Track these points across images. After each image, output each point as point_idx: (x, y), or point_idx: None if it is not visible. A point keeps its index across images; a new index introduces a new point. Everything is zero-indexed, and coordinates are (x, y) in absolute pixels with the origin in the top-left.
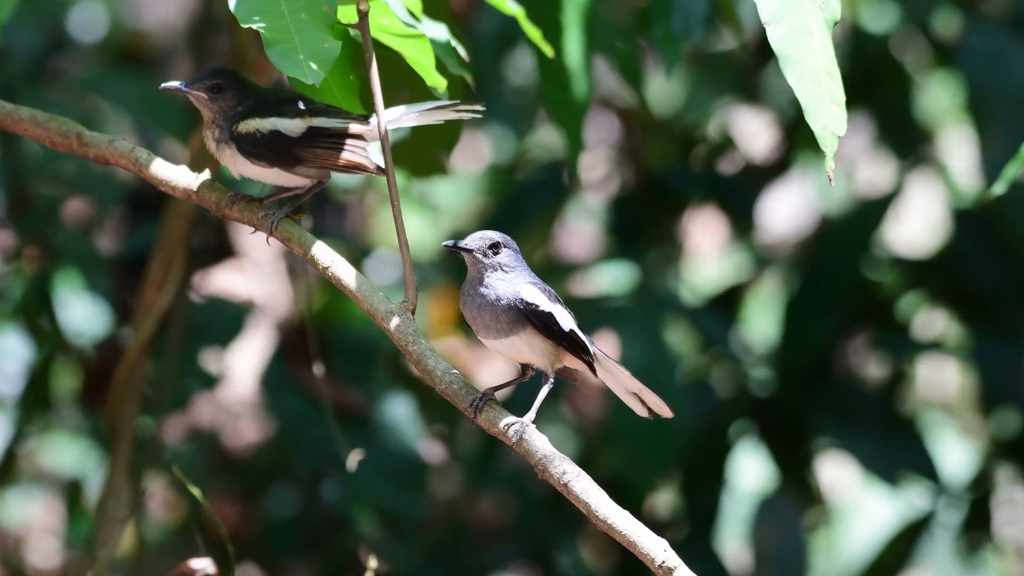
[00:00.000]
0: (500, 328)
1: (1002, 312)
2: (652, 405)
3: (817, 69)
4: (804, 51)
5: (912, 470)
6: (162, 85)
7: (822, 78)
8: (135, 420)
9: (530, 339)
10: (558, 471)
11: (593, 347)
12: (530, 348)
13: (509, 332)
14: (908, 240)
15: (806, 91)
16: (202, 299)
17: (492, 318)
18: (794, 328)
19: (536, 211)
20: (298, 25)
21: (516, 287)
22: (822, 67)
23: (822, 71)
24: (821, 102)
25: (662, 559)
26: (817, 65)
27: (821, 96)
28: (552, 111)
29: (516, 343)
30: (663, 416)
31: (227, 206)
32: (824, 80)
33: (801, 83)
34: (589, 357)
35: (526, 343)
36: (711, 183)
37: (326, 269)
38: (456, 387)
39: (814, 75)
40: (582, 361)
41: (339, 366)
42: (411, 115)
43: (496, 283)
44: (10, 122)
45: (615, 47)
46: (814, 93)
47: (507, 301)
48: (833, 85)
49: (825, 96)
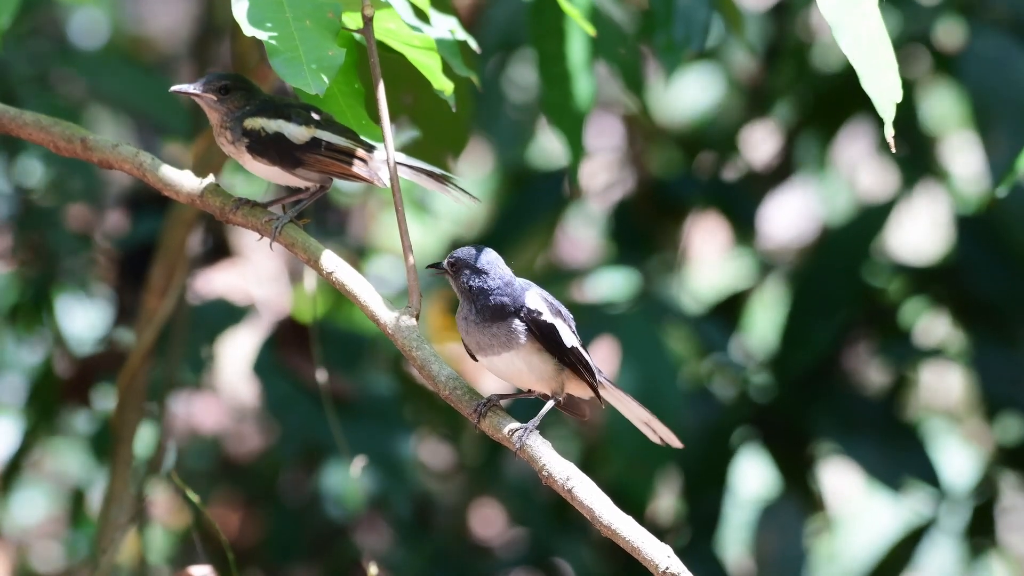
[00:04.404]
0: (496, 343)
1: (1004, 319)
2: (662, 435)
3: (872, 35)
4: (857, 19)
5: (914, 476)
6: (172, 88)
7: (877, 45)
8: (137, 426)
9: (528, 357)
10: (562, 477)
11: (600, 375)
12: (528, 368)
13: (507, 346)
14: (911, 247)
15: (861, 57)
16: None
17: (487, 336)
18: (795, 334)
19: (537, 217)
20: (302, 33)
21: (508, 298)
22: (876, 34)
23: (876, 38)
24: (878, 68)
25: (666, 565)
26: (871, 31)
27: (877, 63)
28: (553, 118)
29: (514, 361)
30: (673, 446)
31: (231, 211)
32: (879, 47)
33: (855, 49)
34: (594, 380)
35: (524, 361)
36: (713, 190)
37: (330, 274)
38: (460, 392)
39: (869, 41)
40: (587, 385)
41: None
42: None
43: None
44: (14, 126)
45: (617, 54)
46: (869, 60)
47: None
48: (887, 51)
49: (881, 63)
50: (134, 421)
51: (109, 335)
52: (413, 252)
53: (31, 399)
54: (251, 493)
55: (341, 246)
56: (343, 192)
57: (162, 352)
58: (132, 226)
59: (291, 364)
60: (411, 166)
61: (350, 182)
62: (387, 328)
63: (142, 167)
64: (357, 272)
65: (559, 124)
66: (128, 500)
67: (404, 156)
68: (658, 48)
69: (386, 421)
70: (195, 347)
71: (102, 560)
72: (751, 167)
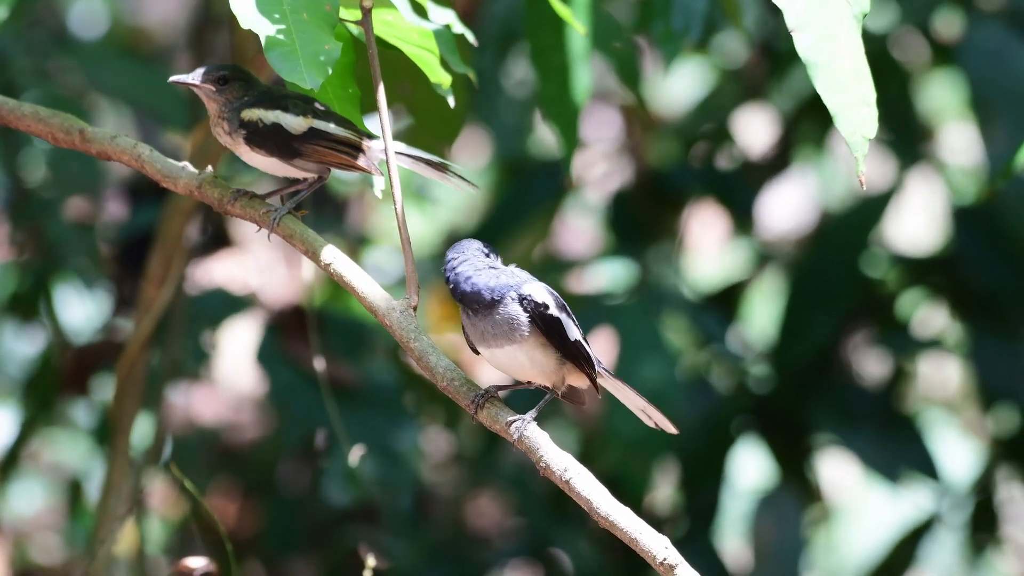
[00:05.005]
0: (500, 332)
1: (1002, 309)
2: (658, 421)
3: (845, 72)
4: (831, 56)
5: (912, 468)
6: (171, 79)
7: (850, 81)
8: (135, 416)
9: (532, 352)
10: (559, 468)
11: (599, 365)
12: (531, 362)
13: (510, 339)
14: (908, 237)
15: (834, 97)
16: (200, 291)
17: (490, 323)
18: (793, 325)
19: (535, 207)
20: (299, 26)
21: (521, 285)
22: (851, 69)
23: (851, 74)
24: (850, 107)
25: (663, 556)
26: (845, 68)
27: (850, 101)
28: (548, 110)
29: (516, 355)
30: (668, 432)
31: (229, 203)
32: (852, 83)
33: (829, 89)
34: (593, 372)
35: (527, 355)
36: (711, 180)
37: (328, 266)
38: (457, 384)
39: (842, 80)
40: (586, 376)
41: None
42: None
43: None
44: (12, 118)
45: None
46: (843, 99)
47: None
48: (862, 86)
49: (855, 100)
50: (132, 411)
51: (107, 325)
52: (411, 243)
53: (29, 389)
54: (249, 483)
55: (339, 236)
56: (342, 182)
57: (161, 342)
58: (130, 216)
59: (292, 353)
60: (409, 155)
61: (348, 172)
62: (385, 319)
63: (140, 159)
64: (355, 263)
65: (554, 117)
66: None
67: (402, 145)
68: (656, 38)
69: (387, 410)
70: (194, 337)
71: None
72: (749, 157)
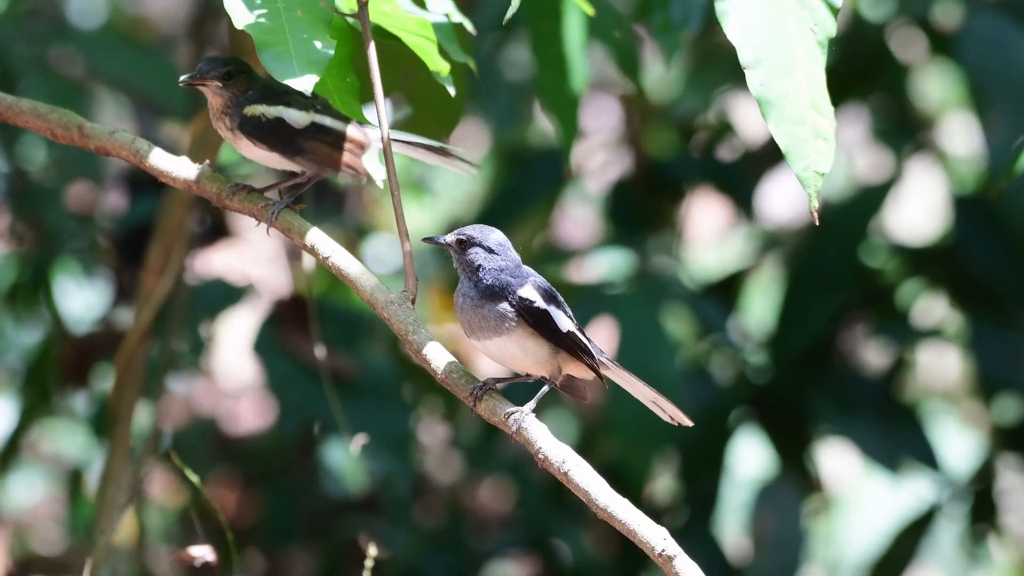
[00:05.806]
0: (488, 326)
1: (1002, 299)
2: (671, 413)
3: (801, 107)
4: (785, 93)
5: (912, 457)
6: (181, 80)
7: (806, 115)
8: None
9: (522, 341)
10: (558, 460)
11: (601, 355)
12: (523, 352)
13: (498, 331)
14: (908, 227)
15: (786, 135)
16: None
17: (479, 316)
18: (793, 315)
19: (535, 197)
20: (293, 24)
21: (508, 281)
22: (807, 103)
23: (807, 107)
24: (804, 143)
25: (662, 547)
26: (801, 102)
27: (804, 136)
28: (547, 100)
29: (507, 346)
30: (682, 424)
31: (228, 197)
32: (809, 117)
33: (781, 127)
34: (592, 361)
35: (517, 345)
36: (710, 170)
37: (326, 259)
38: (456, 376)
39: (797, 115)
40: (586, 367)
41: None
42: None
43: (485, 277)
44: (11, 114)
45: (613, 37)
46: (795, 135)
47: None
48: (819, 119)
49: (808, 135)
50: (132, 401)
51: (107, 315)
52: (409, 236)
53: (29, 379)
54: (249, 473)
55: (339, 226)
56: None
57: (160, 332)
58: (130, 206)
59: (290, 343)
60: (408, 141)
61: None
62: (383, 312)
63: (139, 154)
64: (353, 256)
65: (553, 106)
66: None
67: (401, 133)
68: (656, 29)
69: (386, 400)
70: (193, 327)
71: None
72: (748, 147)
